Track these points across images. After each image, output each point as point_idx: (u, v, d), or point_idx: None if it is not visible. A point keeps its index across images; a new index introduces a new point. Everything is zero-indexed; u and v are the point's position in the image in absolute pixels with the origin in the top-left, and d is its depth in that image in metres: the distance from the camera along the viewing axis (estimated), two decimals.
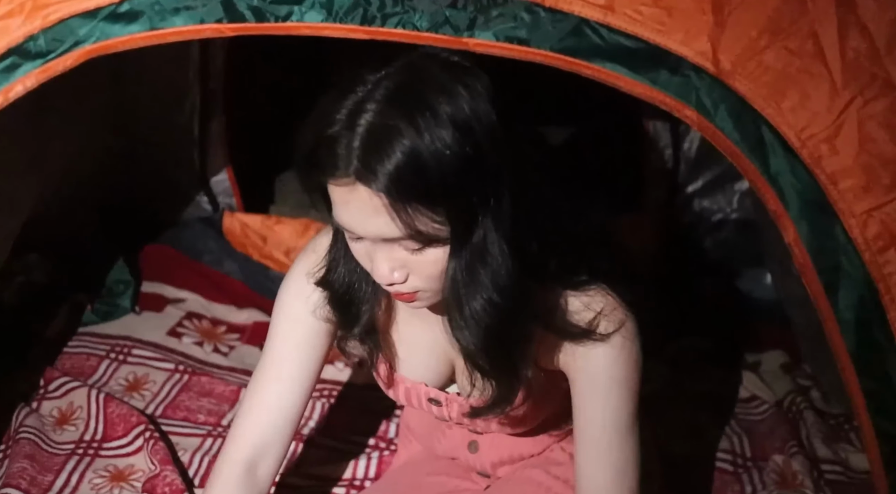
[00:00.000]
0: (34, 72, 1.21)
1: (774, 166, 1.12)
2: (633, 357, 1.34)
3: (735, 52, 1.10)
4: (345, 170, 1.15)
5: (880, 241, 1.11)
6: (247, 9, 1.17)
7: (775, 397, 2.16)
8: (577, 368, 1.35)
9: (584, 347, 1.32)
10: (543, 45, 1.13)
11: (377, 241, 1.21)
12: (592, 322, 1.31)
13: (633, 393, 1.35)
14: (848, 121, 1.10)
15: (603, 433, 1.36)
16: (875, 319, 1.13)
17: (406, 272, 1.23)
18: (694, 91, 1.10)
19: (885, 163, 1.11)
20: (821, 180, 1.11)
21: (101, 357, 2.28)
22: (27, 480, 1.86)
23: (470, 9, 1.14)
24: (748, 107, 1.10)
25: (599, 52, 1.12)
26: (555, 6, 1.11)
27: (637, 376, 1.35)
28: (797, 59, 1.11)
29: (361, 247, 1.25)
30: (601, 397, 1.35)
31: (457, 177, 1.14)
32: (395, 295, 1.28)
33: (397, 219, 1.15)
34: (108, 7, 1.17)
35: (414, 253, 1.20)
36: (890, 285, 1.11)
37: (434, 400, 1.49)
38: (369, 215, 1.17)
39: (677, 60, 1.10)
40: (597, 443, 1.36)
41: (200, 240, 2.67)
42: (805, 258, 1.12)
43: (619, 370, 1.33)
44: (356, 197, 1.16)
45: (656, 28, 1.10)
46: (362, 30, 1.15)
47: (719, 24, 1.10)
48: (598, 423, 1.36)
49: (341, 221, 1.22)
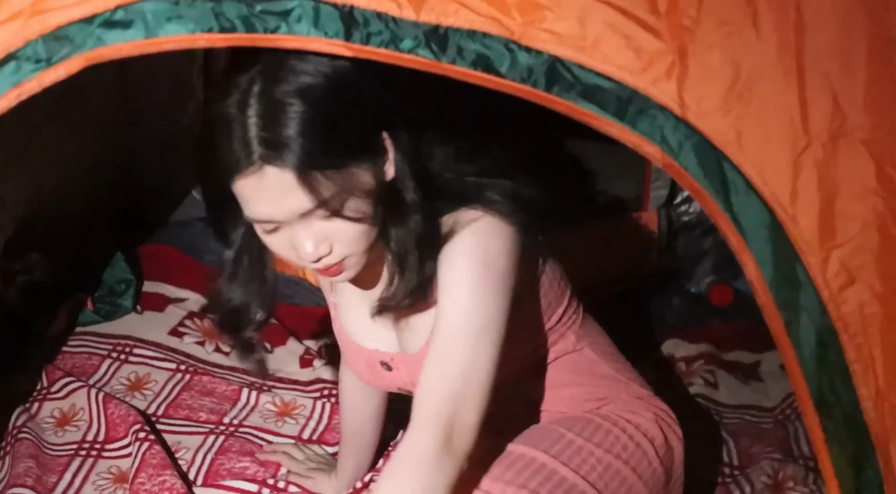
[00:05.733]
0: (35, 77, 1.22)
1: (737, 205, 1.13)
2: (482, 253, 1.35)
3: (699, 93, 1.12)
4: (248, 159, 1.22)
5: (839, 280, 1.13)
6: (237, 19, 1.19)
7: (770, 401, 2.16)
8: (441, 262, 1.37)
9: (440, 259, 1.36)
10: (517, 78, 1.15)
11: (294, 222, 1.27)
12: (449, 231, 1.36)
13: (489, 285, 1.34)
14: (808, 160, 1.12)
15: (445, 335, 1.35)
16: (834, 359, 1.14)
17: (329, 243, 1.30)
18: (659, 130, 1.12)
19: (845, 203, 1.13)
20: (782, 219, 1.12)
21: (102, 356, 2.31)
22: (33, 478, 1.89)
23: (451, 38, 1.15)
24: (711, 147, 1.12)
25: (572, 89, 1.14)
26: (530, 44, 1.13)
27: (504, 266, 1.35)
28: (759, 101, 1.13)
29: (280, 237, 1.31)
30: (446, 297, 1.36)
31: (354, 127, 1.25)
32: (324, 272, 1.34)
33: (309, 188, 1.22)
34: (104, 14, 1.18)
35: (331, 219, 1.27)
36: (848, 324, 1.13)
37: (385, 363, 1.55)
38: (282, 195, 1.24)
39: (644, 100, 1.12)
40: (438, 345, 1.36)
41: (202, 239, 2.68)
42: (766, 296, 1.13)
43: (463, 266, 1.35)
44: (266, 182, 1.23)
45: (626, 68, 1.12)
46: (347, 46, 1.17)
47: (684, 66, 1.12)
48: (443, 324, 1.35)
49: (257, 215, 1.28)
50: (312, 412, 2.18)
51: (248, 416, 2.17)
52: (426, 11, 1.15)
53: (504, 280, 1.36)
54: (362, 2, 1.15)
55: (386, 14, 1.15)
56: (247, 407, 2.19)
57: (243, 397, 2.22)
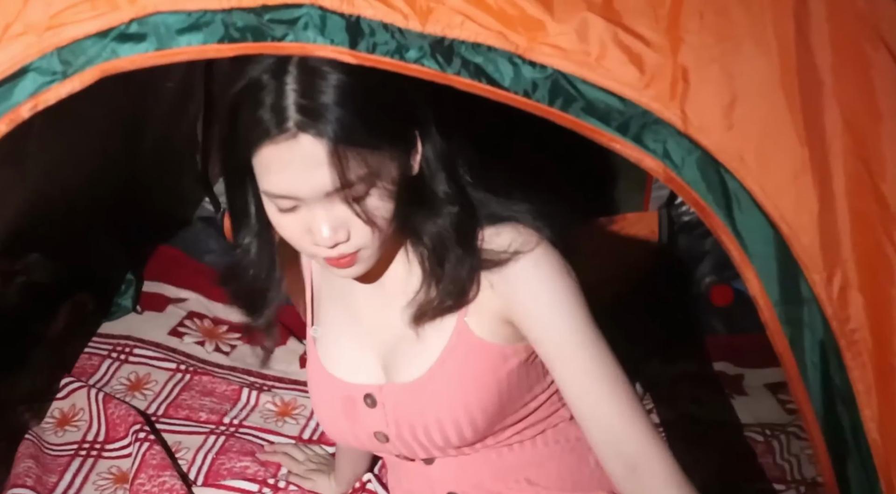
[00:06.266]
0: (51, 89, 1.23)
1: (740, 220, 1.13)
2: (560, 265, 1.34)
3: (701, 108, 1.11)
4: (282, 126, 1.18)
5: (843, 297, 1.12)
6: (247, 29, 1.19)
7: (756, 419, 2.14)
8: (516, 301, 1.34)
9: (511, 276, 1.33)
10: (520, 91, 1.15)
11: (316, 203, 1.22)
12: (508, 245, 1.33)
13: (579, 302, 1.33)
14: (811, 176, 1.12)
15: (573, 346, 1.32)
16: (837, 376, 1.14)
17: (347, 230, 1.25)
18: (662, 145, 1.12)
19: (848, 219, 1.12)
20: (785, 234, 1.12)
21: (102, 356, 2.32)
22: (33, 478, 1.89)
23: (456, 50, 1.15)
24: (714, 162, 1.12)
25: (575, 103, 1.13)
26: (534, 59, 1.13)
27: (575, 284, 1.34)
28: (762, 115, 1.12)
29: (295, 219, 1.26)
30: (552, 312, 1.33)
31: (390, 108, 1.23)
32: (336, 262, 1.29)
33: (339, 165, 1.18)
34: (119, 27, 1.19)
35: (354, 204, 1.22)
36: (851, 342, 1.12)
37: (369, 396, 1.46)
38: (312, 168, 1.19)
39: (646, 115, 1.12)
40: (571, 360, 1.33)
41: (202, 239, 2.70)
42: (770, 312, 1.13)
43: (547, 283, 1.33)
44: (298, 151, 1.19)
45: (628, 83, 1.12)
46: (352, 54, 1.17)
47: (685, 81, 1.11)
48: (564, 338, 1.33)
49: (279, 188, 1.23)
50: (312, 412, 2.18)
51: (248, 416, 2.17)
52: (432, 23, 1.14)
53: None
54: (368, 12, 1.14)
55: (392, 25, 1.15)
56: (247, 407, 2.20)
57: (243, 397, 2.22)
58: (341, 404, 1.49)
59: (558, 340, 1.33)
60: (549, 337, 1.34)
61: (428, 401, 1.41)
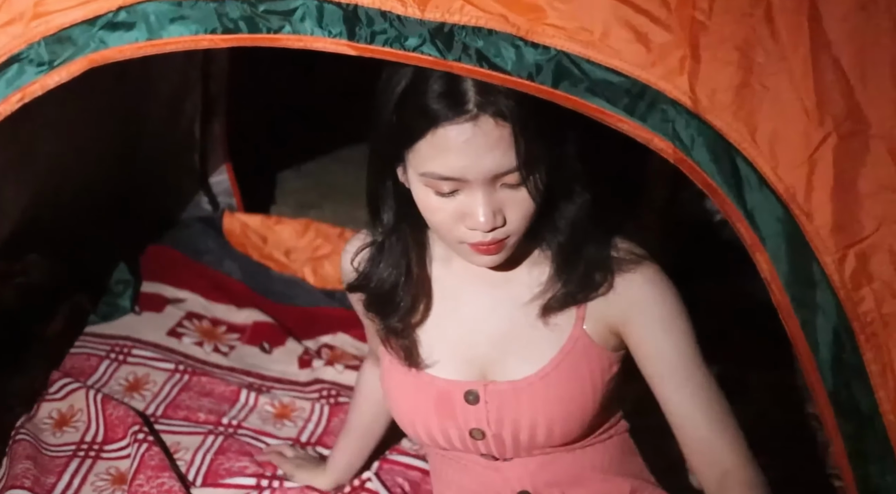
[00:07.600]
0: (38, 80, 1.21)
1: (751, 201, 1.11)
2: (673, 289, 1.38)
3: (711, 88, 1.10)
4: (461, 107, 1.19)
5: (856, 279, 1.11)
6: (240, 19, 1.17)
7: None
8: (631, 315, 1.37)
9: (630, 288, 1.36)
10: (524, 74, 1.13)
11: (478, 186, 1.24)
12: (630, 251, 1.38)
13: (689, 324, 1.37)
14: (823, 156, 1.10)
15: (680, 365, 1.36)
16: (851, 358, 1.12)
17: (503, 215, 1.27)
18: (671, 125, 1.10)
19: (860, 200, 1.10)
20: (797, 216, 1.10)
21: (101, 357, 2.30)
22: (31, 479, 1.87)
23: (457, 36, 1.14)
24: (724, 142, 1.10)
25: (580, 84, 1.12)
26: (537, 40, 1.12)
27: (684, 308, 1.38)
28: (773, 95, 1.10)
29: (452, 203, 1.27)
30: (665, 331, 1.36)
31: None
32: (484, 248, 1.30)
33: (515, 147, 1.20)
34: (106, 16, 1.17)
35: (512, 190, 1.25)
36: (864, 324, 1.11)
37: (472, 393, 1.44)
38: (488, 149, 1.21)
39: (655, 94, 1.10)
40: (676, 378, 1.36)
41: (200, 239, 2.69)
42: (782, 294, 1.12)
43: (668, 301, 1.37)
44: (477, 132, 1.20)
45: (636, 62, 1.10)
46: (351, 45, 1.16)
47: (696, 60, 1.09)
48: (674, 358, 1.36)
49: (448, 170, 1.24)
50: (311, 414, 2.17)
51: (246, 417, 2.15)
52: (431, 9, 1.13)
53: None
54: (366, 0, 1.14)
55: (390, 12, 1.14)
56: (245, 408, 2.18)
57: (242, 397, 2.21)
58: (435, 401, 1.47)
59: (675, 363, 1.36)
60: (664, 358, 1.37)
61: (536, 400, 1.41)
